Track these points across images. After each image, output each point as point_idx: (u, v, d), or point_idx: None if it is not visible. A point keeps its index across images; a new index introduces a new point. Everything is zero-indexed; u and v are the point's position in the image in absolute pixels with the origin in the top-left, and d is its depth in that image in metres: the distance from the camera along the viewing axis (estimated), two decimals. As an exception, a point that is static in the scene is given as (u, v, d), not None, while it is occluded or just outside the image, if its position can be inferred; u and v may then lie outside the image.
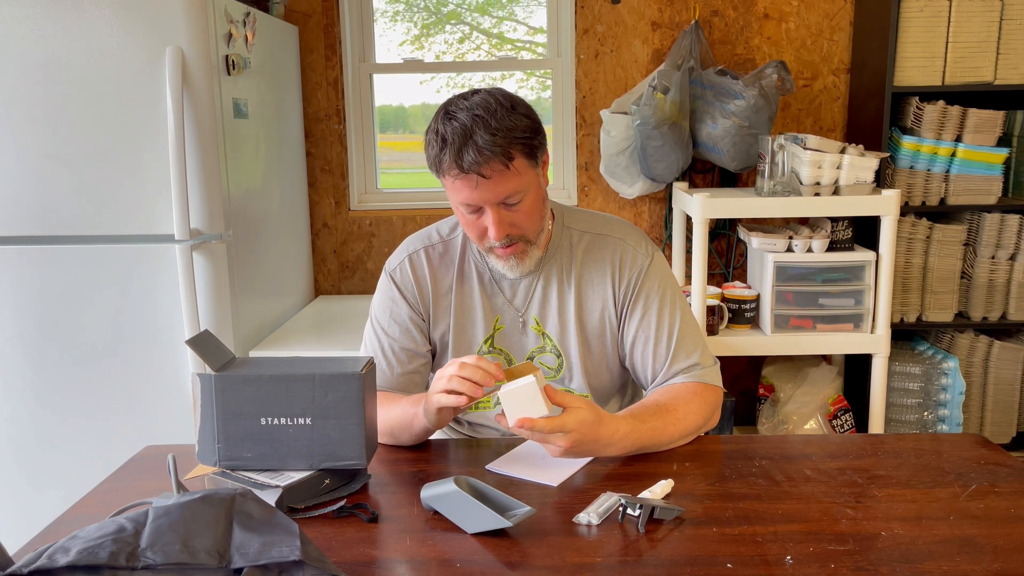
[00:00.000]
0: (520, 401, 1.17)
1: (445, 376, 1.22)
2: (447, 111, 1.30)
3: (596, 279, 1.45)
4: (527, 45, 3.13)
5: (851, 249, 2.49)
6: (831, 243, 2.47)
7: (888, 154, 2.58)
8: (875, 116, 2.63)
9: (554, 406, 1.20)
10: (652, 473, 1.23)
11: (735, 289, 2.56)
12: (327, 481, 1.18)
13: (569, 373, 1.46)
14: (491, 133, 1.25)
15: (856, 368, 2.77)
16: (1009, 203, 2.65)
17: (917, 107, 2.57)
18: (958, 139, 2.58)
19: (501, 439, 1.43)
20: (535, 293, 1.46)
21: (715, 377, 1.43)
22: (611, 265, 1.44)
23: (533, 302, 1.46)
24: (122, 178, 2.13)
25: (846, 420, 2.65)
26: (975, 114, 2.54)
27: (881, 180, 2.52)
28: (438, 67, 3.12)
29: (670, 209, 2.90)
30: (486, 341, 1.47)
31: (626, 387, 1.56)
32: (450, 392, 1.21)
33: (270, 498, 1.09)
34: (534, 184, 1.34)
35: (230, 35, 2.24)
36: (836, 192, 2.41)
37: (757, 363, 2.98)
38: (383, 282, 1.51)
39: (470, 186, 1.29)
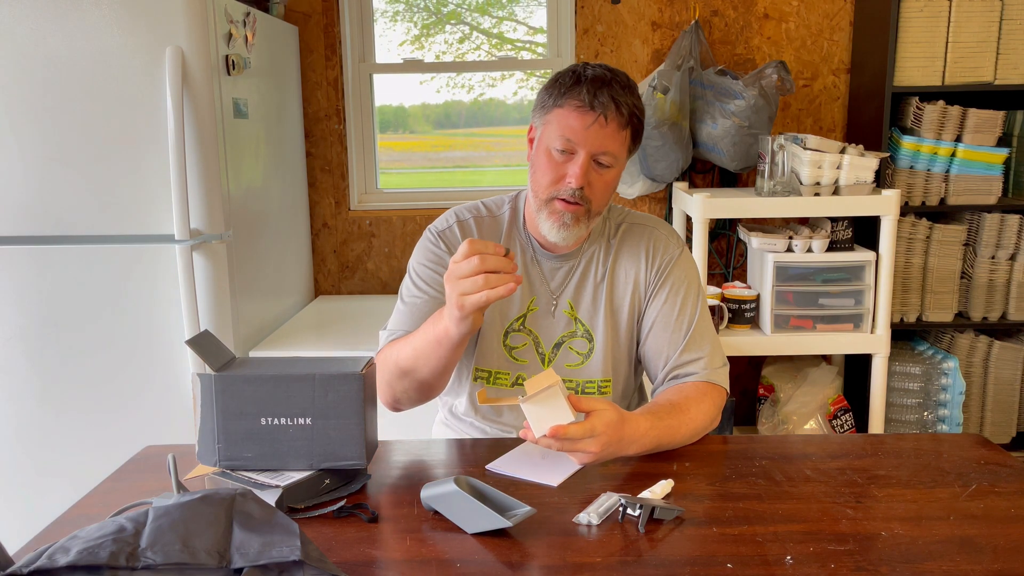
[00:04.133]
0: (544, 410, 1.14)
1: (470, 280, 1.15)
2: (579, 64, 1.38)
3: (629, 265, 1.48)
4: (527, 45, 3.13)
5: (851, 249, 2.49)
6: (831, 243, 2.47)
7: (888, 154, 2.58)
8: (875, 116, 2.63)
9: (578, 412, 1.18)
10: (652, 473, 1.23)
11: (735, 289, 2.56)
12: (327, 481, 1.17)
13: (597, 359, 1.47)
14: (626, 94, 1.35)
15: (856, 368, 2.77)
16: (1009, 203, 2.65)
17: (917, 107, 2.57)
18: (958, 139, 2.58)
19: (501, 439, 1.43)
20: (572, 278, 1.48)
21: (724, 379, 1.44)
22: (644, 251, 1.48)
23: (569, 286, 1.48)
24: (122, 178, 2.13)
25: (846, 420, 2.65)
26: (975, 114, 2.54)
27: (881, 180, 2.52)
28: (438, 67, 3.12)
29: (670, 209, 2.90)
30: (519, 319, 1.47)
31: (635, 382, 1.57)
32: (485, 288, 1.15)
33: (270, 498, 1.09)
34: (621, 166, 1.39)
35: (230, 35, 2.24)
36: (836, 192, 2.41)
37: (757, 363, 2.98)
38: (427, 241, 1.50)
39: (585, 122, 1.33)
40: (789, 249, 2.47)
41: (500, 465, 1.27)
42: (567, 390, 1.20)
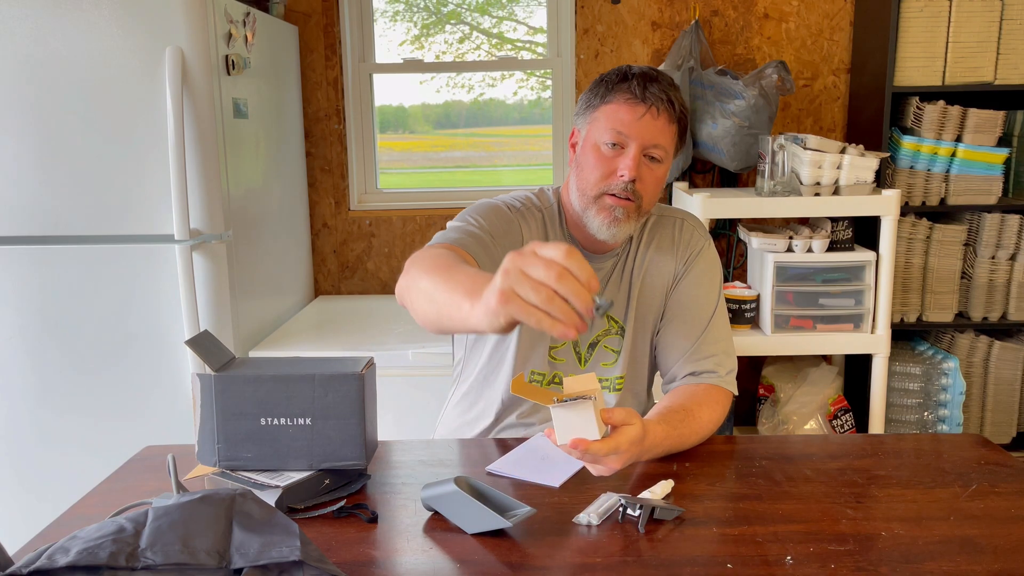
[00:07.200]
0: (574, 419, 1.10)
1: (534, 286, 0.85)
2: (622, 66, 1.38)
3: (661, 258, 1.48)
4: (527, 45, 3.13)
5: (851, 249, 2.49)
6: (831, 243, 2.47)
7: (888, 154, 2.58)
8: (875, 116, 2.63)
9: (605, 425, 1.17)
10: (652, 473, 1.23)
11: (735, 289, 2.55)
12: (327, 481, 1.17)
13: (624, 356, 1.47)
14: (673, 90, 1.36)
15: (856, 368, 2.77)
16: (1009, 203, 2.64)
17: (917, 107, 2.57)
18: (958, 139, 2.58)
19: (502, 439, 1.43)
20: (611, 277, 1.47)
21: (734, 383, 1.45)
22: (673, 241, 1.49)
23: (607, 286, 1.47)
24: (122, 178, 2.13)
25: (846, 420, 2.65)
26: (975, 114, 2.54)
27: (881, 180, 2.52)
28: (438, 67, 3.12)
29: (670, 209, 2.90)
30: None
31: (651, 379, 1.57)
32: (543, 309, 0.86)
33: (270, 498, 1.09)
34: (669, 163, 1.39)
35: (230, 35, 2.24)
36: (836, 192, 2.40)
37: (757, 363, 2.98)
38: (497, 207, 1.42)
39: (636, 114, 1.32)
40: (789, 249, 2.47)
41: (500, 465, 1.27)
42: (603, 399, 1.17)
